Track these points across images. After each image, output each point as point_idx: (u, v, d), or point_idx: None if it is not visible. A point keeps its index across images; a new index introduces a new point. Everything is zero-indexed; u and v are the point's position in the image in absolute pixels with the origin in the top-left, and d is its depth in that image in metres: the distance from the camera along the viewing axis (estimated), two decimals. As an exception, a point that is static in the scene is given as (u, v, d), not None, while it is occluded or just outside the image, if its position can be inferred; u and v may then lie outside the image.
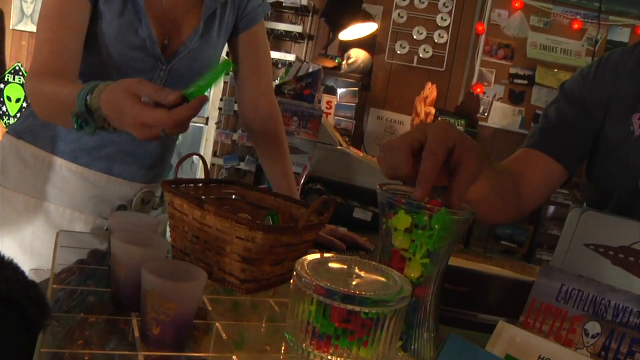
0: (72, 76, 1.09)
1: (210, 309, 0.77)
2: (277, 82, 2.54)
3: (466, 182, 0.71)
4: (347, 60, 3.14)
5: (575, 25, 3.47)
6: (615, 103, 1.06)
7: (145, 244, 0.72)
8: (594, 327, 0.75)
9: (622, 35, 3.50)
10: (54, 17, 1.08)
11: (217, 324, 0.71)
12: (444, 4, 3.48)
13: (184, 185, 0.94)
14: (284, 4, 3.47)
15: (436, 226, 0.75)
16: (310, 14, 3.61)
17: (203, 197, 0.97)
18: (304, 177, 2.14)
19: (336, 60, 3.19)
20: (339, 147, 2.31)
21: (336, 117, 3.03)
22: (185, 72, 1.26)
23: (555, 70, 3.49)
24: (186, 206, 0.82)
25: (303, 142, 2.29)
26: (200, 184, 0.99)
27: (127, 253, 0.67)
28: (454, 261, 2.84)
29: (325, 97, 3.00)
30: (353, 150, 2.47)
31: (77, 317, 0.71)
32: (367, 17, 2.93)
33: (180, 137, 0.75)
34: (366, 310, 0.57)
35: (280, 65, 3.56)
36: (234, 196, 1.02)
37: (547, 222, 3.33)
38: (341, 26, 2.87)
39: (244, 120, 1.56)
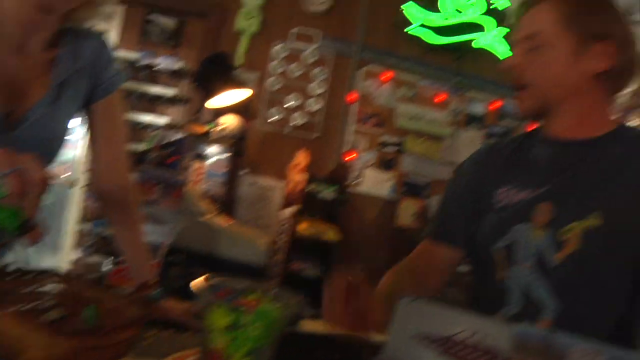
0: None
1: None
2: (142, 148, 2.47)
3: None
4: (218, 127, 3.10)
5: (439, 98, 3.68)
6: (488, 180, 1.23)
7: None
8: None
9: (480, 109, 3.77)
10: None
11: None
12: (318, 73, 3.57)
13: (-11, 277, 0.84)
14: (158, 66, 3.42)
15: (257, 323, 0.71)
16: (187, 77, 3.57)
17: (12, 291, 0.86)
18: (165, 249, 2.05)
19: (208, 126, 3.14)
20: (204, 217, 2.24)
21: (207, 185, 2.96)
22: (32, 141, 1.17)
23: (423, 139, 3.66)
24: (-23, 306, 0.72)
25: (166, 212, 2.21)
26: (12, 275, 0.88)
27: None
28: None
29: (196, 164, 2.94)
30: (220, 220, 2.41)
31: None
32: (240, 83, 2.93)
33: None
34: None
35: (151, 129, 3.47)
36: (48, 289, 0.92)
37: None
38: (212, 92, 2.84)
39: (95, 188, 1.47)
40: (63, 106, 1.23)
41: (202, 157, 2.99)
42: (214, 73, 2.87)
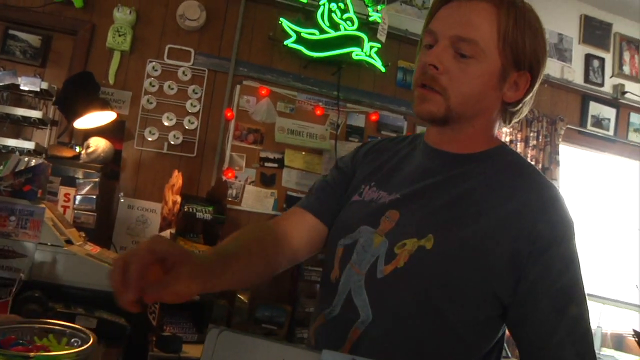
0: None
1: None
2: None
3: (159, 289, 0.78)
4: (86, 150, 2.96)
5: (318, 112, 3.72)
6: (364, 172, 1.23)
7: None
8: None
9: (359, 121, 3.84)
10: None
11: None
12: (194, 90, 3.50)
13: None
14: (21, 87, 3.20)
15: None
16: (54, 99, 3.38)
17: None
18: (17, 284, 1.91)
19: (76, 149, 2.99)
20: (65, 247, 2.12)
21: (75, 211, 2.81)
22: None
23: (303, 153, 3.68)
24: None
25: (22, 244, 2.06)
26: None
27: None
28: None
29: (63, 190, 2.77)
30: (86, 249, 2.29)
31: None
32: (105, 105, 2.82)
33: None
34: None
35: (18, 153, 3.25)
36: None
37: (304, 300, 3.40)
38: (76, 114, 2.71)
39: None
40: None
41: (70, 182, 2.83)
42: (78, 94, 2.74)
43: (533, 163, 4.14)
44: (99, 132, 3.07)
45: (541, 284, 0.98)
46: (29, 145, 3.15)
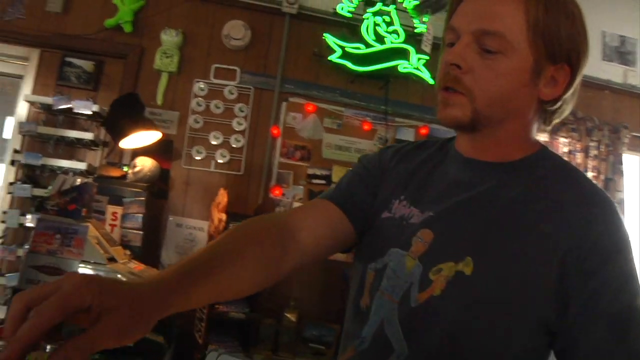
0: None
1: None
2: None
3: (79, 348, 0.59)
4: (133, 169, 3.01)
5: (366, 127, 3.66)
6: (392, 182, 1.08)
7: None
8: None
9: (408, 135, 3.75)
10: None
11: None
12: (240, 108, 3.52)
13: None
14: (74, 110, 3.30)
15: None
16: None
17: None
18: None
19: (124, 169, 3.04)
20: (107, 265, 2.13)
21: (123, 229, 2.85)
22: None
23: (351, 168, 3.60)
24: None
25: (66, 261, 2.09)
26: None
27: None
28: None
29: (111, 208, 2.82)
30: (129, 267, 2.30)
31: None
32: (150, 125, 2.85)
33: None
34: None
35: (72, 174, 3.34)
36: None
37: (354, 319, 3.32)
38: (122, 134, 2.75)
39: None
40: None
41: (117, 201, 2.88)
42: (124, 115, 2.79)
43: (594, 174, 3.94)
44: (148, 151, 3.11)
45: (595, 305, 0.85)
46: (82, 165, 3.24)
